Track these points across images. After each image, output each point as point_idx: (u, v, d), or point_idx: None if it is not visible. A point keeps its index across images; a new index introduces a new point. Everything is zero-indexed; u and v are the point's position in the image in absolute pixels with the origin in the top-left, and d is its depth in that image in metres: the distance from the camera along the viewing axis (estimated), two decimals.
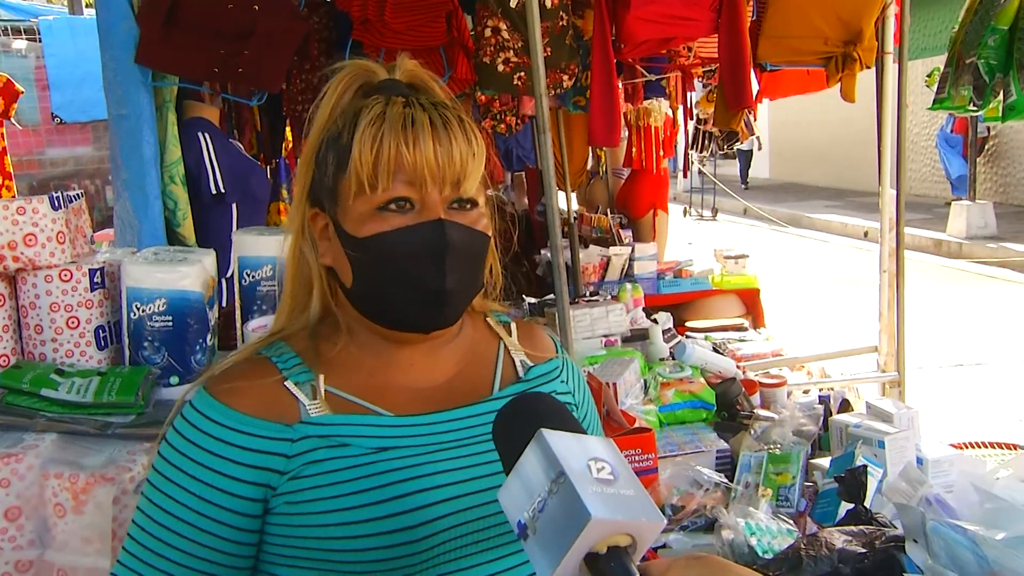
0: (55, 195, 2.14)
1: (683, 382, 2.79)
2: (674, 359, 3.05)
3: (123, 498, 1.80)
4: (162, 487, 1.03)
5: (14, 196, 4.82)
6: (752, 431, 2.48)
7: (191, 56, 2.85)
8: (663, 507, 2.08)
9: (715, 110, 3.95)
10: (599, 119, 3.44)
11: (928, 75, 9.16)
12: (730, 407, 2.74)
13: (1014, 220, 12.11)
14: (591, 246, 4.98)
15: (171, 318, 2.11)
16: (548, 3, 3.47)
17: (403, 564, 1.00)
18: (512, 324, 1.25)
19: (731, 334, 4.05)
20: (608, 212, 5.56)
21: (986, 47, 3.17)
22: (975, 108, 3.30)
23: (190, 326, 2.13)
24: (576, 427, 0.90)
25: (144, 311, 2.10)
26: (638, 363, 2.85)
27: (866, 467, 1.85)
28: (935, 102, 3.51)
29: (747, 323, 4.41)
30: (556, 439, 0.83)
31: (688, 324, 4.23)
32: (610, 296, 3.82)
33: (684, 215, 14.87)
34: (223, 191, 3.10)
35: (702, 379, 2.82)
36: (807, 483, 2.20)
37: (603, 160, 6.20)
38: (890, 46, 3.73)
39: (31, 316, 2.11)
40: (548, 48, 3.40)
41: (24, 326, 2.13)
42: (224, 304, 2.68)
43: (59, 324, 2.10)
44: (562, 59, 3.58)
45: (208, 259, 2.22)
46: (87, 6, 7.46)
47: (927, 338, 6.30)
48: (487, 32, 3.51)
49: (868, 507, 1.79)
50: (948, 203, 12.47)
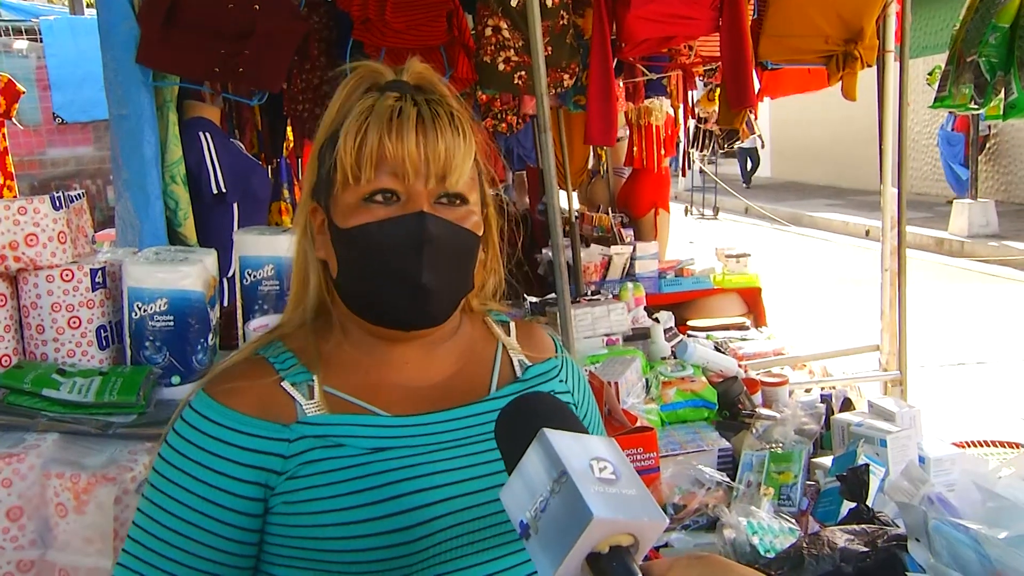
0: (56, 195, 2.14)
1: (685, 381, 2.78)
2: (676, 358, 3.05)
3: (125, 498, 1.80)
4: (162, 487, 1.03)
5: (15, 196, 4.83)
6: (754, 430, 2.48)
7: (191, 56, 2.86)
8: (665, 506, 2.08)
9: (719, 109, 3.95)
10: (596, 118, 3.43)
11: (929, 73, 9.17)
12: (732, 406, 2.74)
13: (1016, 218, 12.09)
14: (592, 245, 4.98)
15: (172, 318, 2.11)
16: (549, 2, 3.46)
17: (400, 565, 1.00)
18: (512, 324, 1.25)
19: (733, 333, 4.06)
20: (609, 211, 5.55)
21: (987, 45, 3.17)
22: (976, 106, 3.29)
23: (191, 326, 2.13)
24: (578, 427, 0.90)
25: (145, 311, 2.10)
26: (640, 362, 2.85)
27: (868, 466, 1.86)
28: (936, 100, 3.51)
29: (749, 322, 4.42)
30: (558, 439, 0.83)
31: (690, 323, 4.24)
32: (611, 295, 3.82)
33: (685, 214, 14.85)
34: (224, 191, 3.11)
35: (704, 378, 2.82)
36: (809, 482, 2.20)
37: (604, 159, 6.19)
38: (891, 44, 3.73)
39: (32, 316, 2.11)
40: (549, 47, 3.40)
41: (25, 326, 2.13)
42: (225, 304, 2.68)
43: (60, 324, 2.10)
44: (563, 58, 3.57)
45: (209, 259, 2.22)
46: (88, 6, 7.47)
47: (929, 337, 6.29)
48: (488, 31, 3.51)
49: (870, 506, 1.79)
50: (949, 201, 12.46)
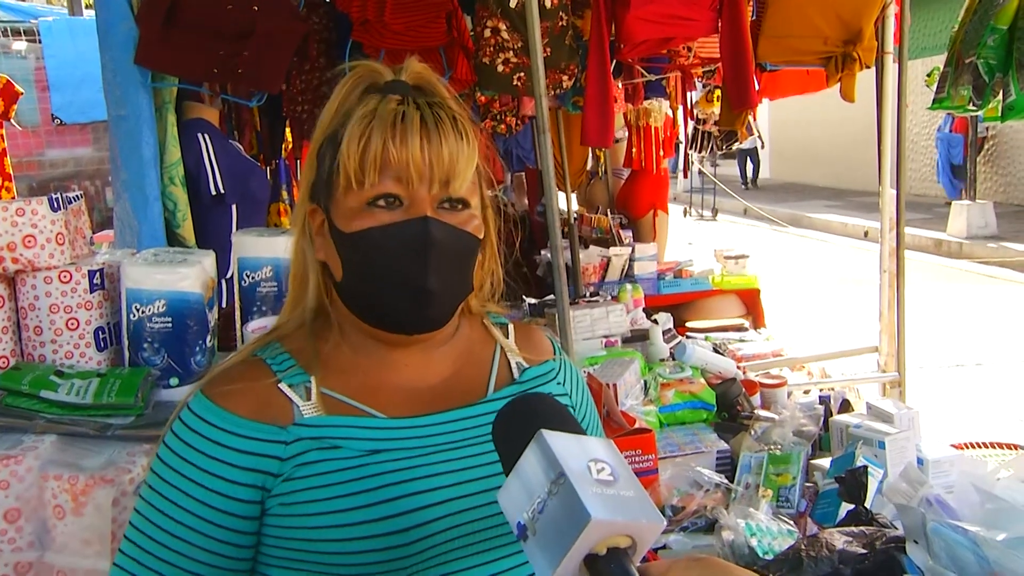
0: (54, 196, 2.13)
1: (683, 383, 2.78)
2: (674, 360, 3.05)
3: (123, 500, 1.80)
4: (159, 488, 1.03)
5: (14, 197, 4.82)
6: (752, 432, 2.47)
7: (190, 57, 2.85)
8: (663, 508, 2.08)
9: (720, 111, 3.95)
10: (593, 119, 3.43)
11: (928, 75, 9.16)
12: (730, 408, 2.74)
13: (1014, 220, 12.11)
14: (591, 247, 4.99)
15: (171, 319, 2.10)
16: (548, 3, 3.46)
17: (397, 567, 1.00)
18: (510, 326, 1.24)
19: (731, 334, 4.06)
20: (608, 212, 5.56)
21: (985, 47, 3.17)
22: (975, 108, 3.30)
23: (190, 327, 2.13)
24: (576, 428, 0.90)
25: (144, 312, 2.09)
26: (638, 364, 2.85)
27: (866, 468, 1.85)
28: (935, 102, 3.51)
29: (747, 323, 4.42)
30: (556, 440, 0.83)
31: (688, 324, 4.24)
32: (610, 297, 3.83)
33: (684, 215, 14.87)
34: (223, 192, 3.11)
35: (702, 380, 2.82)
36: (807, 484, 2.20)
37: (603, 160, 6.20)
38: (890, 46, 3.73)
39: (30, 317, 2.11)
40: (548, 48, 3.40)
41: (23, 327, 2.13)
42: (224, 305, 2.68)
43: (58, 325, 2.10)
44: (562, 59, 3.58)
45: (208, 260, 2.21)
46: (87, 7, 7.46)
47: (927, 338, 6.29)
48: (487, 32, 3.51)
49: (868, 508, 1.79)
50: (948, 203, 12.47)
